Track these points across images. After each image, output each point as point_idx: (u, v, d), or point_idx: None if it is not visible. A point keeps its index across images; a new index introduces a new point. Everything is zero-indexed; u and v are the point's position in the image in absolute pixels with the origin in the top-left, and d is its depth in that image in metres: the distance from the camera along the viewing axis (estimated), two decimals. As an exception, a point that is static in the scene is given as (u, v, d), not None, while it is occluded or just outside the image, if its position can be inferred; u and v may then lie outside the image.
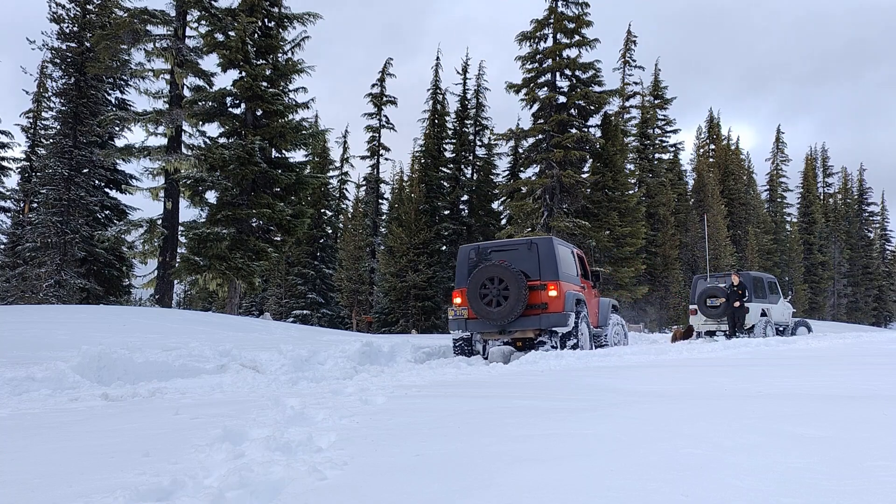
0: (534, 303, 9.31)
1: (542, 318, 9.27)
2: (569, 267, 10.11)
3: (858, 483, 1.96)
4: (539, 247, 9.59)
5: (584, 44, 26.61)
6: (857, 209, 59.31)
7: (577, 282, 10.31)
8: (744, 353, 9.65)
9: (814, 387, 4.54)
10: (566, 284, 9.61)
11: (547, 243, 9.63)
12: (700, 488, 1.91)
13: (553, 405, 3.60)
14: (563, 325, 9.28)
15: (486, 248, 9.92)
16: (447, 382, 5.20)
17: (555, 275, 9.39)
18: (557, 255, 9.57)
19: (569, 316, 9.33)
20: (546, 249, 9.55)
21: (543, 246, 9.60)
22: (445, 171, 35.19)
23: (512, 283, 9.14)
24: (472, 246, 10.07)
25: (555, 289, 9.29)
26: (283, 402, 3.57)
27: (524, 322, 9.33)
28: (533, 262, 9.51)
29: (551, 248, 9.57)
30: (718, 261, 36.11)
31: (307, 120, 20.69)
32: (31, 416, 3.60)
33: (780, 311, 17.12)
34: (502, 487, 1.96)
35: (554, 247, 9.62)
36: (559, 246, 9.92)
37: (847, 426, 2.86)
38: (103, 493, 1.90)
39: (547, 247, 9.59)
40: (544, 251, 9.53)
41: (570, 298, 9.50)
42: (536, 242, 9.65)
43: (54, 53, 23.45)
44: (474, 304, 9.31)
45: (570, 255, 10.52)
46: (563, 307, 9.32)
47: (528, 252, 9.56)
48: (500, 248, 9.86)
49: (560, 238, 26.22)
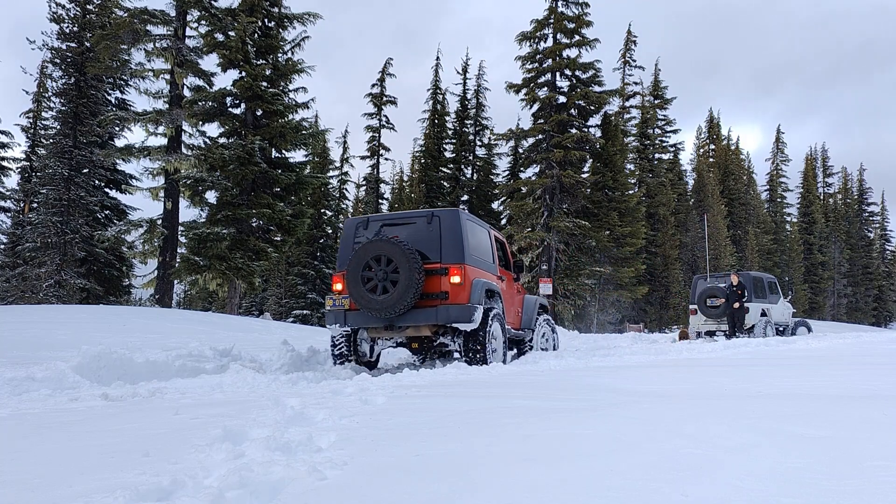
0: (431, 291, 7.44)
1: (440, 310, 7.33)
2: (481, 250, 8.28)
3: (858, 483, 1.96)
4: (442, 221, 7.67)
5: (584, 44, 26.62)
6: (857, 209, 59.32)
7: (492, 270, 8.47)
8: (744, 353, 9.65)
9: (814, 387, 4.54)
10: (475, 270, 7.77)
11: (452, 216, 7.71)
12: (700, 488, 1.91)
13: (553, 405, 3.60)
14: (467, 320, 7.35)
15: (376, 221, 8.05)
16: (447, 382, 5.20)
17: (460, 256, 7.50)
18: (465, 233, 7.70)
19: (474, 309, 7.39)
20: (451, 224, 7.65)
21: (448, 220, 7.68)
22: (445, 171, 35.21)
23: (403, 264, 7.21)
24: (360, 218, 8.21)
25: (458, 274, 7.39)
26: (283, 402, 3.58)
27: (417, 315, 7.41)
28: (433, 239, 7.63)
29: (457, 222, 7.66)
30: (718, 261, 36.11)
31: (307, 120, 20.70)
32: (31, 416, 3.60)
33: (780, 311, 17.14)
34: (502, 487, 1.96)
35: (461, 222, 7.72)
36: (469, 222, 8.06)
37: (847, 426, 2.86)
38: (103, 493, 1.90)
39: (452, 221, 7.67)
40: (448, 226, 7.63)
41: (479, 288, 7.64)
42: (438, 215, 7.72)
43: (54, 53, 23.46)
44: (354, 291, 7.35)
45: (486, 237, 8.63)
46: (467, 298, 7.43)
47: (428, 227, 7.69)
48: (394, 220, 7.99)
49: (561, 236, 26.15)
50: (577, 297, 25.95)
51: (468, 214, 8.17)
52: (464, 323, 7.41)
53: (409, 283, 7.22)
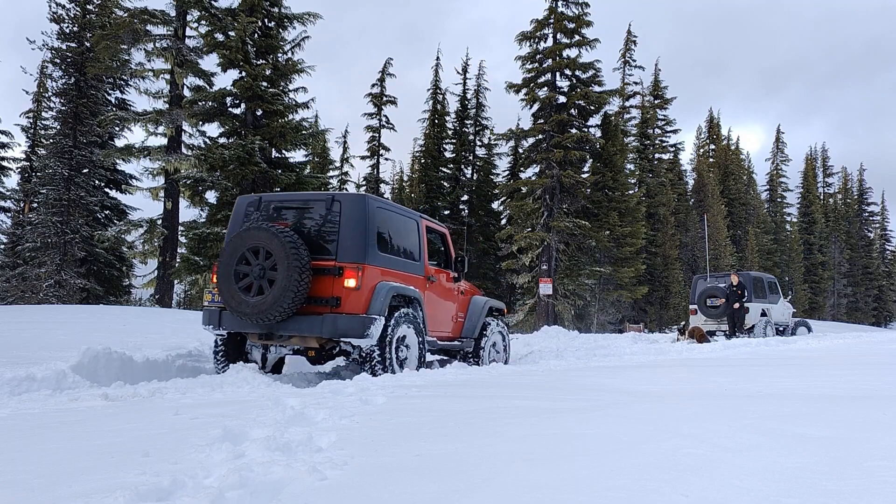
0: (320, 295, 6.10)
1: (327, 321, 5.97)
2: (399, 246, 6.87)
3: (858, 483, 1.96)
4: (344, 208, 6.25)
5: (584, 44, 26.61)
6: (857, 209, 59.33)
7: (415, 270, 7.07)
8: (744, 353, 9.66)
9: (814, 387, 4.54)
10: (381, 272, 6.34)
11: (356, 203, 6.31)
12: (700, 488, 1.91)
13: (553, 405, 3.60)
14: (359, 334, 5.98)
15: (271, 202, 6.67)
16: (447, 382, 5.21)
17: (360, 254, 6.12)
18: (371, 225, 6.29)
19: (371, 322, 6.02)
20: (353, 213, 6.23)
21: (350, 207, 6.27)
22: (445, 171, 35.21)
23: (282, 259, 5.88)
24: (252, 197, 6.82)
25: (354, 276, 6.02)
26: (283, 402, 3.58)
27: (301, 324, 6.09)
28: (331, 231, 6.27)
29: (362, 211, 6.25)
30: (718, 261, 36.12)
31: (307, 120, 20.71)
32: (31, 416, 3.61)
33: (780, 311, 17.15)
34: (502, 487, 1.96)
35: (368, 210, 6.28)
36: (383, 211, 6.62)
37: (847, 426, 2.86)
38: (103, 493, 1.90)
39: (355, 209, 6.25)
40: (350, 215, 6.22)
41: (383, 295, 6.23)
42: (340, 200, 6.33)
43: (54, 53, 23.46)
44: (224, 288, 6.12)
45: (411, 229, 7.21)
46: (364, 306, 6.07)
47: (327, 214, 6.29)
48: (291, 203, 6.65)
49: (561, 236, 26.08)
50: (577, 297, 25.95)
51: (384, 201, 6.87)
52: (355, 338, 6.04)
53: (288, 285, 5.85)
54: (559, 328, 16.14)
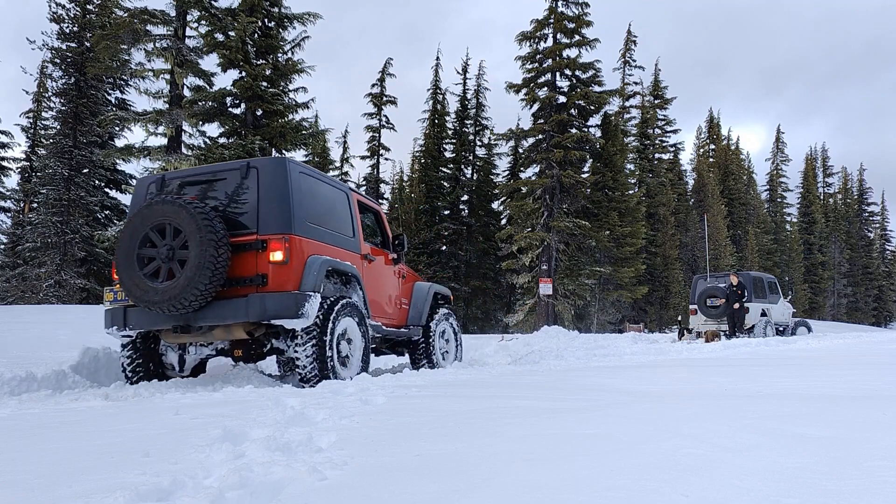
0: (242, 274, 5.34)
1: (252, 301, 5.18)
2: (329, 217, 6.08)
3: (858, 483, 1.96)
4: (262, 175, 5.53)
5: (584, 44, 26.62)
6: (857, 209, 59.35)
7: (349, 245, 6.23)
8: (744, 353, 9.66)
9: (814, 387, 4.54)
10: (312, 244, 5.63)
11: (276, 169, 5.58)
12: (700, 488, 1.91)
13: (553, 405, 3.60)
14: (293, 314, 5.21)
15: (176, 179, 5.85)
16: (447, 382, 5.21)
17: (285, 224, 5.39)
18: (296, 192, 5.56)
19: (305, 299, 5.26)
20: (274, 179, 5.51)
21: (270, 173, 5.54)
22: (445, 171, 35.23)
23: (193, 235, 5.07)
24: (154, 177, 6.02)
25: (281, 248, 5.30)
26: (283, 402, 3.58)
27: (223, 310, 5.27)
28: (249, 201, 5.51)
29: (284, 177, 5.52)
30: (718, 261, 36.13)
31: (307, 120, 20.73)
32: (31, 416, 3.61)
33: (780, 311, 17.16)
34: (502, 487, 1.96)
35: (290, 176, 5.56)
36: (308, 178, 5.88)
37: (847, 426, 2.86)
38: (103, 493, 1.90)
39: (276, 175, 5.53)
40: (270, 182, 5.50)
41: (316, 268, 5.50)
42: (257, 166, 5.59)
43: (54, 53, 23.47)
44: (126, 277, 5.25)
45: (341, 200, 6.40)
46: (296, 282, 5.34)
47: (243, 185, 5.56)
48: (199, 177, 5.80)
49: (562, 236, 26.07)
50: (577, 297, 25.95)
51: (308, 168, 6.06)
52: (288, 318, 5.23)
53: (202, 262, 5.02)
54: (559, 328, 16.13)
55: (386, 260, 7.12)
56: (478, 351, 10.39)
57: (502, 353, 10.20)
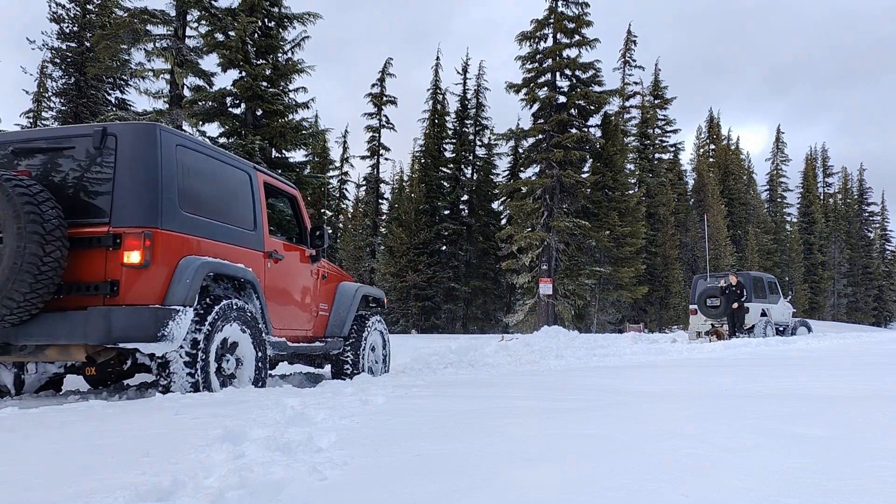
0: (84, 278, 4.10)
1: (94, 317, 3.97)
2: (218, 203, 4.83)
3: (858, 483, 1.96)
4: (122, 145, 4.23)
5: (584, 44, 26.63)
6: (857, 209, 59.36)
7: (248, 241, 5.02)
8: (744, 353, 9.67)
9: (814, 387, 4.54)
10: (187, 241, 4.38)
11: (142, 138, 4.27)
12: (700, 488, 1.91)
13: (553, 405, 3.60)
14: (149, 336, 4.03)
15: (6, 143, 4.48)
16: (447, 382, 5.21)
17: (150, 212, 4.14)
18: (168, 167, 4.30)
19: (169, 316, 4.09)
20: (138, 152, 4.23)
21: (133, 144, 4.25)
22: (445, 171, 35.23)
23: (9, 221, 3.87)
24: None
25: (138, 247, 4.04)
26: (283, 402, 3.58)
27: (53, 326, 4.05)
28: (103, 180, 4.22)
29: (153, 148, 4.25)
30: (718, 261, 36.13)
31: (307, 120, 20.74)
32: (30, 416, 3.61)
33: (780, 311, 17.17)
34: (502, 487, 1.96)
35: (160, 148, 4.28)
36: (186, 150, 4.56)
37: (847, 426, 2.86)
38: (103, 493, 1.90)
39: (141, 146, 4.24)
40: (133, 156, 4.21)
41: (191, 273, 4.25)
42: (116, 133, 4.26)
43: (54, 53, 23.47)
44: None
45: (240, 181, 5.12)
46: (159, 292, 4.15)
47: (97, 156, 4.24)
48: (35, 143, 4.46)
49: (562, 236, 26.00)
50: (577, 297, 25.95)
51: (191, 138, 4.79)
52: (144, 342, 4.04)
53: (20, 263, 3.82)
54: (559, 328, 16.14)
55: (301, 257, 5.88)
56: (478, 351, 10.39)
57: (502, 353, 10.21)
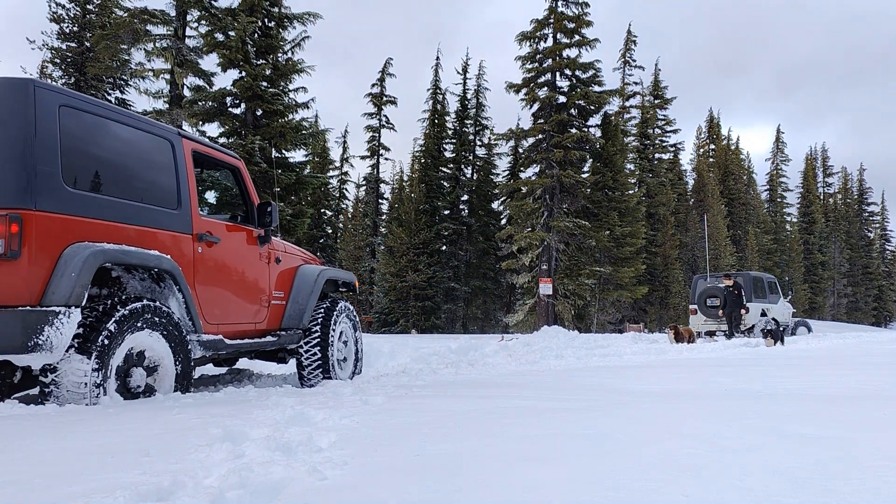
0: None
1: None
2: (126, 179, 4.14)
3: (858, 483, 1.96)
4: None
5: (584, 44, 26.63)
6: (857, 209, 59.37)
7: (168, 222, 4.35)
8: (744, 353, 9.67)
9: (814, 387, 4.54)
10: (76, 224, 3.69)
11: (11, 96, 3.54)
12: (700, 488, 1.91)
13: (553, 405, 3.60)
14: (18, 346, 3.44)
15: None
16: (447, 382, 5.21)
17: (19, 189, 3.47)
18: (44, 133, 3.55)
19: (44, 321, 3.45)
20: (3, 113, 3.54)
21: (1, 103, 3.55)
22: (445, 171, 35.24)
23: None
24: None
25: (3, 232, 3.39)
26: (283, 401, 3.58)
27: None
28: None
29: (25, 108, 3.51)
30: (718, 261, 36.13)
31: (307, 120, 20.75)
32: (30, 416, 3.61)
33: (780, 311, 17.17)
34: (502, 487, 1.96)
35: (34, 109, 3.53)
36: (75, 111, 3.80)
37: (847, 426, 2.86)
38: (103, 493, 1.90)
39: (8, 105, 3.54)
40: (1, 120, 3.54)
41: (77, 265, 3.55)
42: None
43: (54, 53, 23.46)
44: None
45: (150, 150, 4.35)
46: (36, 290, 3.50)
47: None
48: None
49: (562, 236, 25.98)
50: (577, 297, 25.94)
51: (83, 98, 3.95)
52: (14, 352, 3.48)
53: None
54: (559, 328, 16.13)
55: (248, 238, 5.22)
56: (478, 351, 10.40)
57: (502, 353, 10.21)
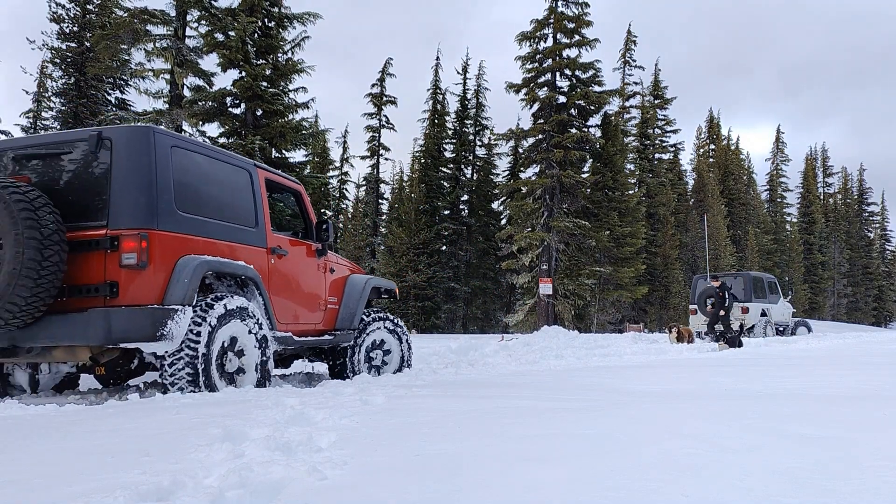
0: (86, 280, 4.25)
1: (94, 318, 4.13)
2: (218, 203, 4.97)
3: (858, 483, 1.96)
4: (117, 148, 4.38)
5: (584, 44, 26.63)
6: (857, 209, 59.35)
7: (249, 238, 5.18)
8: (744, 353, 9.67)
9: (814, 387, 4.54)
10: (185, 240, 4.52)
11: (136, 140, 4.43)
12: (700, 488, 1.91)
13: (553, 405, 3.60)
14: (149, 336, 4.23)
15: (6, 150, 4.70)
16: (447, 382, 5.21)
17: (146, 214, 4.28)
18: (163, 168, 4.44)
19: (168, 316, 4.28)
20: (133, 155, 4.37)
21: (127, 146, 4.40)
22: (445, 171, 35.24)
23: (7, 228, 4.01)
24: None
25: (134, 248, 4.18)
26: (283, 402, 3.58)
27: (56, 328, 4.23)
28: (100, 184, 4.37)
29: (147, 151, 4.39)
30: (718, 261, 36.12)
31: (307, 120, 20.75)
32: (30, 416, 3.61)
33: (780, 311, 17.18)
34: (502, 487, 1.96)
35: (154, 150, 4.41)
36: (182, 151, 4.69)
37: (847, 426, 2.86)
38: (103, 493, 1.90)
39: (136, 149, 4.39)
40: (126, 159, 4.36)
41: (189, 273, 4.42)
42: (111, 137, 4.41)
43: (54, 53, 23.47)
44: None
45: (234, 180, 5.19)
46: (158, 293, 4.31)
47: (93, 161, 4.41)
48: (39, 148, 4.66)
49: (562, 236, 25.98)
50: (577, 297, 25.93)
51: (187, 139, 5.04)
52: (143, 341, 4.23)
53: (20, 269, 3.96)
54: (559, 328, 16.13)
55: (308, 251, 6.01)
56: (478, 351, 10.40)
57: (502, 353, 10.21)
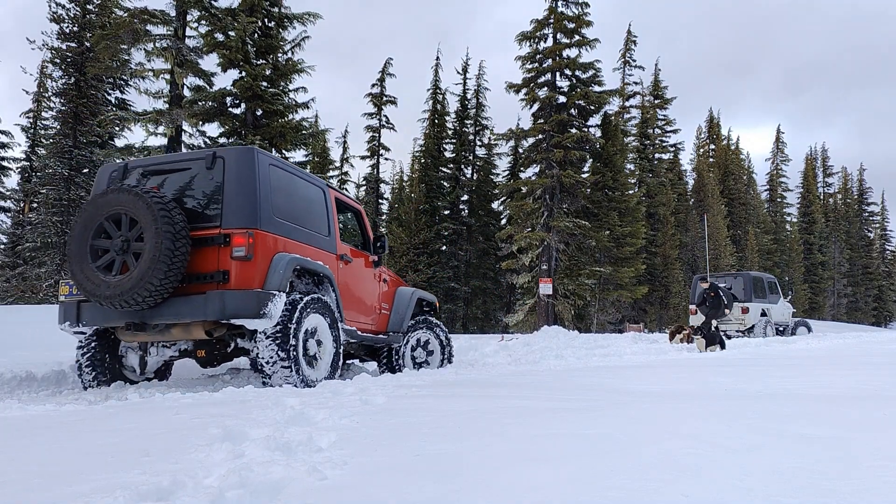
0: (203, 270, 5.15)
1: (211, 299, 5.00)
2: (301, 212, 5.90)
3: (858, 483, 1.96)
4: (228, 164, 5.34)
5: (584, 44, 26.63)
6: (857, 209, 59.34)
7: (323, 244, 6.07)
8: (744, 353, 9.67)
9: (814, 387, 4.54)
10: (280, 240, 5.45)
11: (243, 158, 5.41)
12: (700, 488, 1.91)
13: (553, 405, 3.60)
14: (253, 313, 5.04)
15: (138, 167, 5.67)
16: (447, 382, 5.21)
17: (251, 217, 5.20)
18: (264, 183, 5.37)
19: (268, 298, 5.11)
20: (240, 169, 5.32)
21: (237, 162, 5.36)
22: (445, 171, 35.22)
23: (150, 225, 4.89)
24: (116, 165, 5.79)
25: (243, 244, 5.09)
26: (283, 402, 3.58)
27: (179, 307, 5.09)
28: (213, 192, 5.34)
29: (251, 167, 5.33)
30: (718, 261, 36.12)
31: (307, 120, 20.74)
32: (31, 416, 3.61)
33: (780, 311, 17.17)
34: (502, 487, 1.96)
35: (258, 166, 5.37)
36: (277, 169, 5.69)
37: (847, 426, 2.86)
38: (103, 493, 1.90)
39: (243, 164, 5.34)
40: (237, 173, 5.30)
41: (283, 266, 5.31)
42: (223, 156, 5.43)
43: (54, 53, 23.46)
44: (78, 269, 5.04)
45: (316, 196, 6.22)
46: (260, 280, 5.16)
47: (208, 175, 5.37)
48: (163, 166, 5.64)
49: (562, 236, 25.98)
50: (577, 297, 25.93)
51: (279, 160, 5.86)
52: (250, 318, 5.07)
53: (158, 256, 4.82)
54: (559, 328, 16.11)
55: (366, 262, 6.94)
56: (478, 351, 10.40)
57: (502, 353, 10.21)
